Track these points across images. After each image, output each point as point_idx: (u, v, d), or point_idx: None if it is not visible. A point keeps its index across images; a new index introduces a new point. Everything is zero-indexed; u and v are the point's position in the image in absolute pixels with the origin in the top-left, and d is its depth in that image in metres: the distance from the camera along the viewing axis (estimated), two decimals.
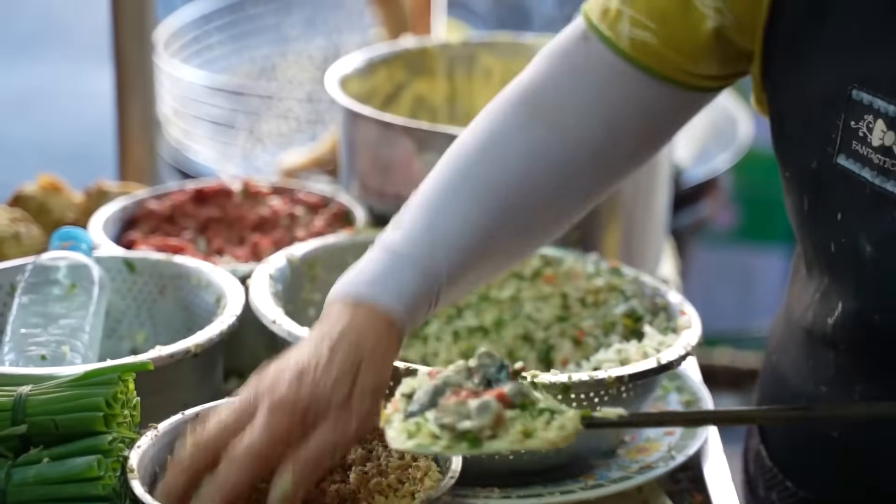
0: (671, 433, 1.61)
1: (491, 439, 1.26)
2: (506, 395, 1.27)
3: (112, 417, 1.35)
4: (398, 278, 1.37)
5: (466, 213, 1.42)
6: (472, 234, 1.42)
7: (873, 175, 1.33)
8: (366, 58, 2.13)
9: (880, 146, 1.32)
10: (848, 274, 1.40)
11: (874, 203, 1.34)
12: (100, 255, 1.70)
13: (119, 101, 2.39)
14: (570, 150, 1.46)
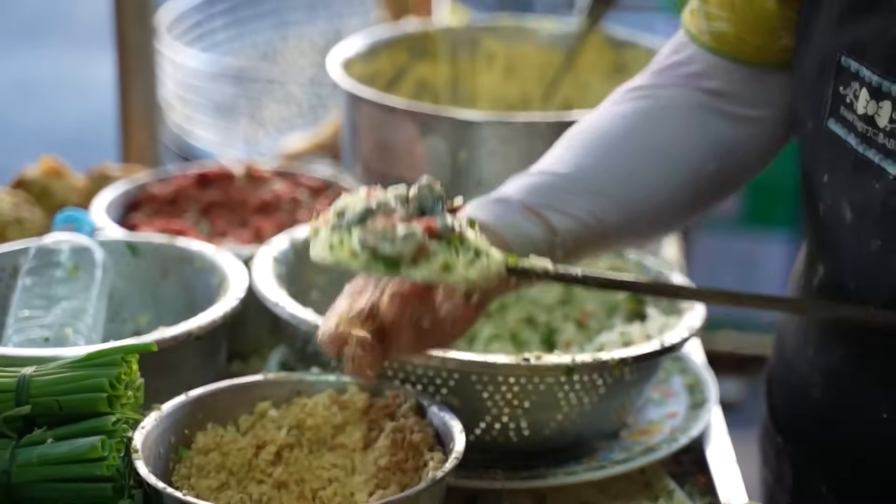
0: (674, 415, 1.61)
1: (410, 267, 1.26)
2: (435, 227, 1.27)
3: (116, 398, 1.35)
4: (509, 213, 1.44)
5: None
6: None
7: (857, 142, 1.36)
8: (368, 41, 2.13)
9: (864, 115, 1.35)
10: (830, 238, 1.43)
11: (856, 169, 1.37)
12: (102, 238, 1.70)
13: (121, 86, 2.40)
14: (685, 140, 1.53)
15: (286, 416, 1.43)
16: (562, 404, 1.47)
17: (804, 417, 1.55)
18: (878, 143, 1.35)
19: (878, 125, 1.34)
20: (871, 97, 1.34)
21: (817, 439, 1.53)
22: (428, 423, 1.40)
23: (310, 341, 1.52)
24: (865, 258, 1.38)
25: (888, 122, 1.33)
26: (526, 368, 1.44)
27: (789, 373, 1.57)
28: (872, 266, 1.38)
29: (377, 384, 1.45)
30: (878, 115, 1.34)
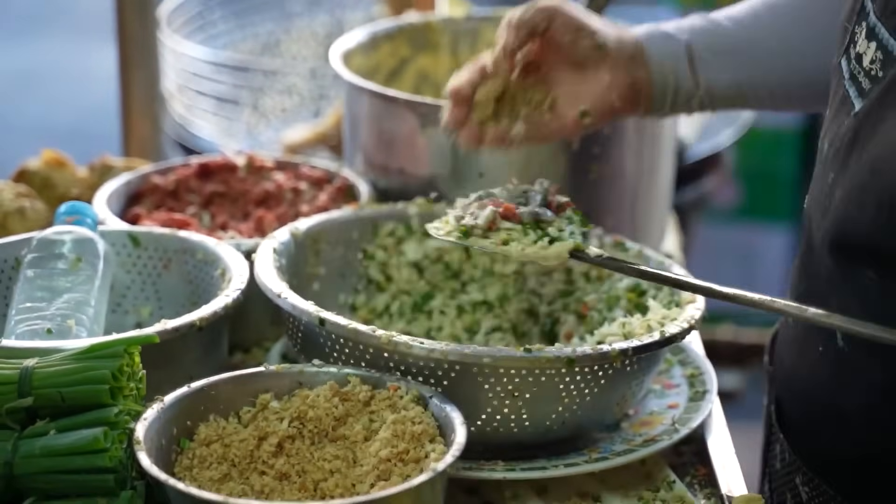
0: (675, 406, 1.61)
1: (479, 237, 1.51)
2: (515, 212, 1.51)
3: (118, 390, 1.36)
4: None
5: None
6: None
7: (847, 79, 1.43)
8: (369, 33, 2.13)
9: (858, 54, 1.42)
10: (817, 171, 1.49)
11: (841, 104, 1.43)
12: (104, 230, 1.70)
13: (122, 78, 2.40)
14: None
15: (288, 408, 1.43)
16: (563, 396, 1.48)
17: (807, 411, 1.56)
18: (858, 82, 1.41)
19: (863, 64, 1.41)
20: (866, 37, 1.41)
21: (819, 429, 1.54)
22: (429, 415, 1.41)
23: (311, 333, 1.53)
24: (825, 189, 1.44)
25: (869, 62, 1.39)
26: (527, 360, 1.45)
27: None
28: (826, 196, 1.43)
29: (378, 376, 1.45)
30: (866, 54, 1.40)
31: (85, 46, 5.79)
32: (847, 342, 1.44)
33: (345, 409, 1.43)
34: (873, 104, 1.37)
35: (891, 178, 1.33)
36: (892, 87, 1.36)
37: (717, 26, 1.69)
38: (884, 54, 1.38)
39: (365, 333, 1.46)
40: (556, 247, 1.51)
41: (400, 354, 1.46)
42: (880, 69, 1.37)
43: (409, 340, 1.45)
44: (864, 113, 1.38)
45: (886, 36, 1.38)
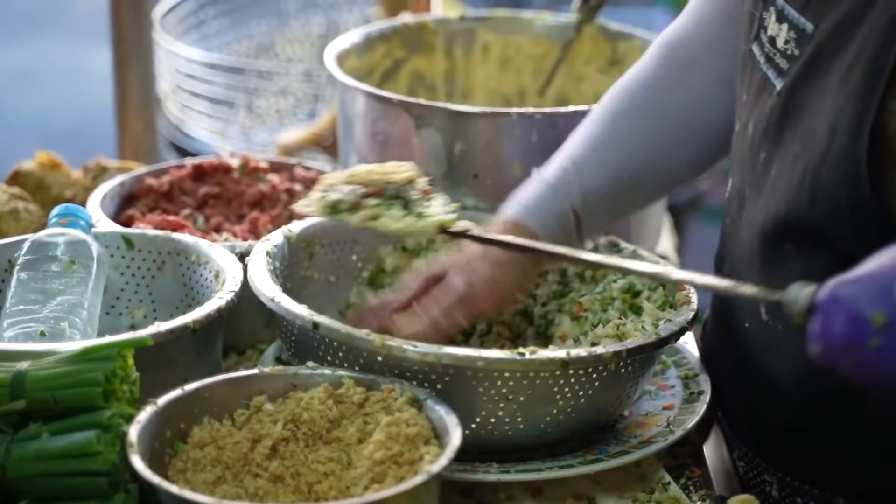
0: (670, 408, 1.61)
1: (346, 213, 1.57)
2: (381, 191, 1.57)
3: (111, 393, 1.35)
4: (539, 197, 1.64)
5: (604, 145, 1.67)
6: (605, 163, 1.66)
7: (763, 61, 1.49)
8: (364, 34, 2.13)
9: (771, 36, 1.48)
10: (737, 153, 1.56)
11: (761, 87, 1.49)
12: (98, 232, 1.70)
13: (117, 79, 2.40)
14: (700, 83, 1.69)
15: (282, 410, 1.43)
16: (557, 398, 1.48)
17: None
18: (775, 63, 1.47)
19: (777, 46, 1.47)
20: (777, 20, 1.47)
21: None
22: (424, 417, 1.41)
23: (305, 337, 1.52)
24: (758, 168, 1.49)
25: (783, 43, 1.46)
26: (520, 363, 1.44)
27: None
28: (760, 175, 1.49)
29: (372, 378, 1.45)
30: (779, 36, 1.46)
31: (80, 47, 5.79)
32: (771, 315, 1.49)
33: (339, 411, 1.43)
34: (796, 81, 1.44)
35: (818, 147, 1.39)
36: (812, 63, 1.42)
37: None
38: (797, 33, 1.44)
39: (359, 338, 1.46)
40: (426, 221, 1.56)
41: (394, 359, 1.46)
42: (796, 48, 1.44)
43: (402, 344, 1.44)
44: (787, 91, 1.45)
45: (796, 16, 1.44)
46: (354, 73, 2.02)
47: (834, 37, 1.41)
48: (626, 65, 2.14)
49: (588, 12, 2.16)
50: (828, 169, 1.39)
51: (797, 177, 1.43)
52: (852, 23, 1.39)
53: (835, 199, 1.39)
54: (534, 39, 2.20)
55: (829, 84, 1.40)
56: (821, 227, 1.42)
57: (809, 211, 1.42)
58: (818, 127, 1.40)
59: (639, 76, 1.71)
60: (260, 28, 3.02)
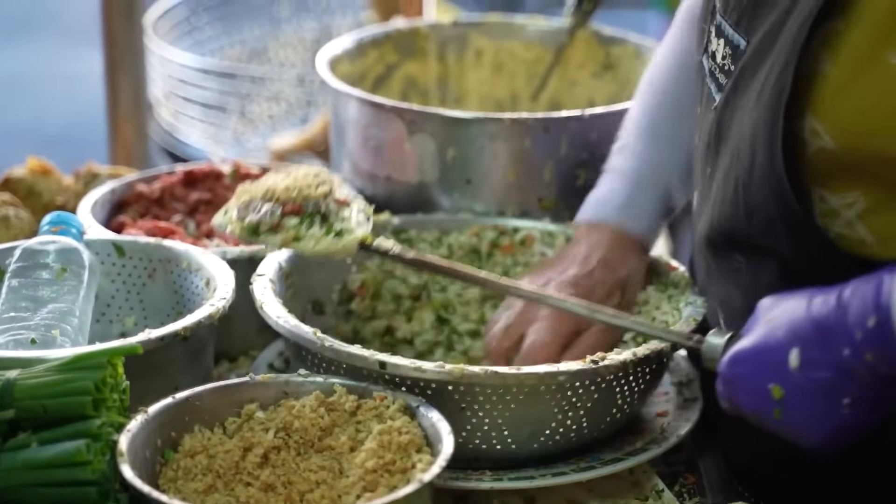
0: (664, 414, 1.60)
1: (267, 234, 1.54)
2: (300, 208, 1.54)
3: (101, 401, 1.34)
4: (642, 203, 1.66)
5: (686, 137, 1.65)
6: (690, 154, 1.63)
7: (708, 75, 1.50)
8: (356, 39, 2.12)
9: (713, 52, 1.49)
10: (696, 165, 1.57)
11: (707, 101, 1.50)
12: (89, 239, 1.69)
13: (109, 84, 2.39)
14: None
15: (273, 418, 1.42)
16: (555, 412, 1.47)
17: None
18: (715, 77, 1.48)
19: (717, 60, 1.48)
20: (716, 35, 1.49)
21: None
22: (416, 425, 1.40)
23: (298, 349, 1.52)
24: (705, 182, 1.51)
25: (721, 58, 1.47)
26: (515, 377, 1.44)
27: None
28: (706, 189, 1.50)
29: (365, 386, 1.44)
30: (718, 50, 1.47)
31: (73, 51, 5.77)
32: (729, 327, 1.47)
33: (331, 419, 1.42)
34: (728, 96, 1.45)
35: (743, 162, 1.40)
36: (741, 78, 1.43)
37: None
38: (731, 49, 1.45)
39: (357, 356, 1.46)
40: (346, 240, 1.55)
41: (381, 373, 1.45)
42: (731, 63, 1.45)
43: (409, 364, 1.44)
44: (721, 105, 1.46)
45: (730, 31, 1.45)
46: (347, 79, 2.01)
47: (756, 53, 1.41)
48: (619, 69, 2.15)
49: (581, 17, 2.15)
50: (755, 184, 1.39)
51: (730, 191, 1.43)
52: (771, 38, 1.39)
53: (767, 213, 1.39)
54: (527, 44, 2.20)
55: (749, 99, 1.41)
56: (761, 240, 1.42)
57: (748, 224, 1.42)
58: (742, 143, 1.41)
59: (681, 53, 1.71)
60: (252, 33, 3.02)
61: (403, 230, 1.77)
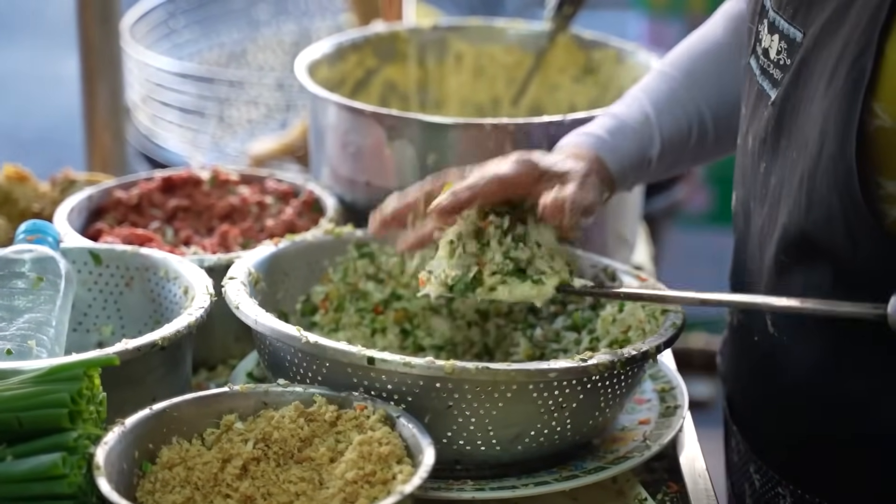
0: (646, 422, 1.59)
1: (465, 290, 1.56)
2: (493, 264, 1.56)
3: (77, 414, 1.33)
4: (622, 138, 1.67)
5: (682, 98, 1.70)
6: (680, 116, 1.70)
7: (759, 73, 1.51)
8: (335, 44, 2.11)
9: (764, 48, 1.50)
10: (739, 167, 1.58)
11: (758, 98, 1.51)
12: (66, 247, 1.67)
13: (86, 89, 2.37)
14: None
15: (252, 429, 1.41)
16: (541, 412, 1.46)
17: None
18: (769, 73, 1.49)
19: (770, 57, 1.49)
20: (769, 31, 1.50)
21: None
22: (396, 435, 1.39)
23: (277, 351, 1.50)
24: (759, 180, 1.51)
25: (776, 53, 1.48)
26: (505, 373, 1.43)
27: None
28: (761, 186, 1.50)
29: (345, 396, 1.43)
30: (771, 47, 1.48)
31: (51, 53, 5.74)
32: (777, 328, 1.51)
33: (310, 429, 1.41)
34: (788, 89, 1.46)
35: (811, 152, 1.40)
36: (801, 70, 1.44)
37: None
38: (787, 42, 1.46)
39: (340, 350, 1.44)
40: (543, 286, 1.56)
41: (368, 379, 1.44)
42: (787, 57, 1.46)
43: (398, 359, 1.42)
44: (780, 99, 1.47)
45: (786, 25, 1.46)
46: (326, 84, 2.00)
47: (818, 42, 1.42)
48: (600, 73, 2.14)
49: (561, 21, 2.15)
50: (821, 173, 1.39)
51: (796, 183, 1.43)
52: (834, 26, 1.40)
53: (829, 204, 1.39)
54: (507, 48, 2.19)
55: (817, 89, 1.41)
56: (817, 237, 1.42)
57: (807, 219, 1.42)
58: (810, 132, 1.41)
59: (711, 39, 1.75)
60: (231, 36, 3.00)
61: (366, 243, 1.75)
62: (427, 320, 1.73)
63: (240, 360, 1.71)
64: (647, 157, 1.68)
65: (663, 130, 1.69)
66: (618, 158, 1.66)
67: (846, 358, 1.45)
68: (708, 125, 1.72)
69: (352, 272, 1.74)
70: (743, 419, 1.64)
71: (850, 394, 1.45)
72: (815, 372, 1.48)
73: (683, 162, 1.76)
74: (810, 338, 1.48)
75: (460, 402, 1.44)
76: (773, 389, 1.54)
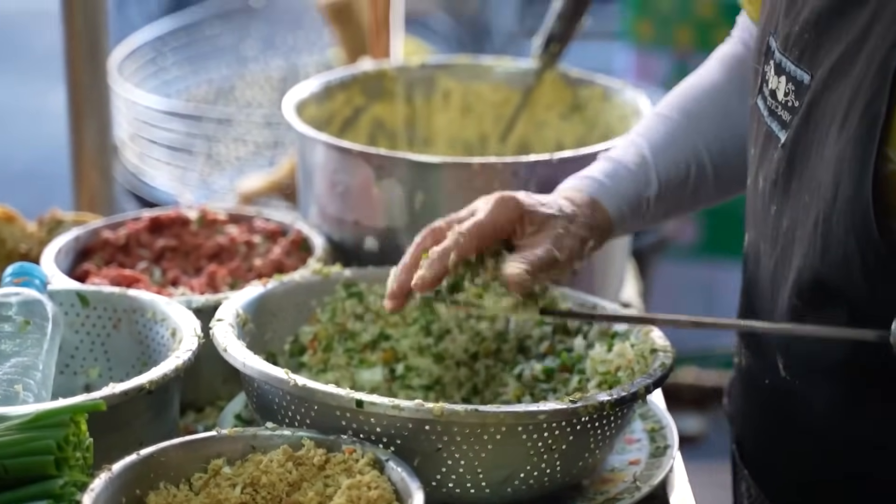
0: (636, 463, 1.59)
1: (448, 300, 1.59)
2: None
3: (64, 460, 1.32)
4: (619, 180, 1.66)
5: (680, 140, 1.70)
6: (678, 159, 1.69)
7: (767, 114, 1.50)
8: (323, 82, 2.11)
9: (772, 89, 1.49)
10: (752, 207, 1.57)
11: (766, 140, 1.50)
12: (53, 289, 1.67)
13: (73, 127, 2.36)
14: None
15: (241, 473, 1.40)
16: (531, 454, 1.45)
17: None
18: (777, 115, 1.49)
19: (778, 98, 1.49)
20: (775, 73, 1.49)
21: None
22: (385, 479, 1.38)
23: (265, 394, 1.50)
24: (770, 222, 1.50)
25: (783, 95, 1.47)
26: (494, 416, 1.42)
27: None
28: (772, 228, 1.50)
29: (333, 439, 1.42)
30: (779, 88, 1.47)
31: (39, 86, 5.74)
32: (788, 372, 1.50)
33: (299, 473, 1.40)
34: (798, 131, 1.45)
35: (825, 196, 1.40)
36: (812, 112, 1.43)
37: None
38: (795, 84, 1.46)
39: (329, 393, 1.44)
40: (529, 305, 1.57)
41: (357, 420, 1.43)
42: (795, 99, 1.46)
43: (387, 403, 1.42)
44: (790, 141, 1.46)
45: (793, 67, 1.46)
46: (314, 122, 2.00)
47: (827, 84, 1.41)
48: (587, 111, 2.14)
49: (548, 59, 2.15)
50: (837, 216, 1.39)
51: (810, 227, 1.43)
52: (843, 69, 1.40)
53: (846, 247, 1.39)
54: (494, 86, 2.19)
55: (829, 132, 1.40)
56: (833, 280, 1.41)
57: (822, 262, 1.42)
58: (823, 176, 1.41)
59: (707, 81, 1.74)
60: (219, 72, 3.01)
61: (354, 283, 1.75)
62: (415, 360, 1.73)
63: (228, 402, 1.70)
64: (644, 198, 1.67)
65: (660, 171, 1.68)
66: (615, 202, 1.65)
67: (859, 402, 1.45)
68: (707, 166, 1.71)
69: (340, 312, 1.74)
70: (754, 461, 1.63)
71: (864, 437, 1.44)
72: (828, 416, 1.47)
73: (684, 205, 1.74)
74: (823, 382, 1.47)
75: (449, 444, 1.44)
76: (785, 432, 1.53)
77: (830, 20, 1.41)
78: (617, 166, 1.68)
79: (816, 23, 1.43)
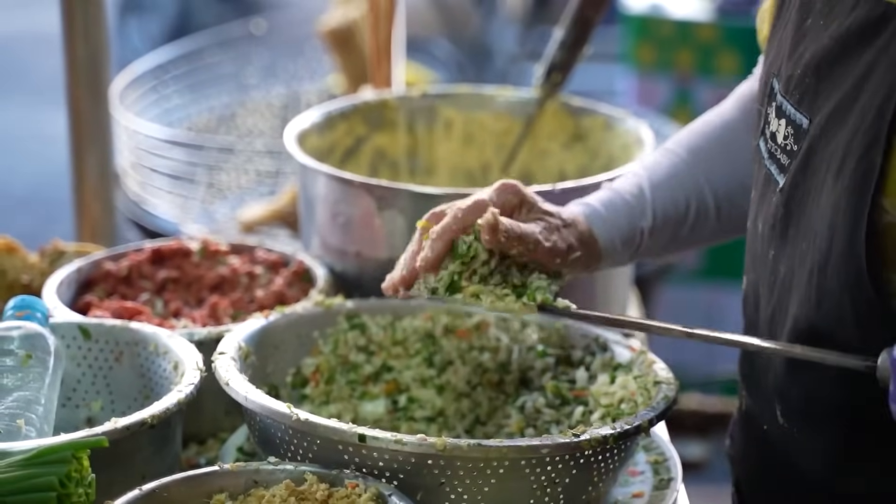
0: (640, 495, 1.58)
1: (446, 296, 1.56)
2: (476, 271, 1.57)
3: (66, 497, 1.31)
4: (614, 210, 1.65)
5: (680, 175, 1.69)
6: (677, 196, 1.68)
7: (767, 157, 1.49)
8: (324, 112, 2.11)
9: (772, 132, 1.48)
10: (750, 250, 1.55)
11: (766, 183, 1.49)
12: (55, 322, 1.67)
13: (75, 157, 2.36)
14: None
15: None
16: (534, 489, 1.45)
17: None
18: (776, 158, 1.47)
19: (778, 141, 1.47)
20: (776, 115, 1.47)
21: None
22: None
23: (267, 428, 1.49)
24: (769, 266, 1.49)
25: (783, 138, 1.46)
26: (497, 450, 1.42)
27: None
28: (770, 273, 1.48)
29: (336, 473, 1.42)
30: (779, 131, 1.46)
31: (40, 111, 5.75)
32: (787, 418, 1.49)
33: None
34: (796, 177, 1.44)
35: (820, 246, 1.39)
36: (809, 158, 1.42)
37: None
38: (794, 128, 1.44)
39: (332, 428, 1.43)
40: (527, 303, 1.55)
41: (358, 455, 1.43)
42: (794, 143, 1.44)
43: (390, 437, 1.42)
44: (788, 187, 1.45)
45: (792, 111, 1.45)
46: (315, 152, 2.00)
47: (825, 131, 1.40)
48: (589, 140, 2.14)
49: (550, 88, 2.15)
50: (831, 269, 1.37)
51: (805, 277, 1.41)
52: (840, 116, 1.38)
53: (840, 301, 1.37)
54: (496, 115, 2.19)
55: (825, 181, 1.39)
56: (828, 331, 1.40)
57: (817, 313, 1.40)
58: (819, 225, 1.39)
59: (720, 119, 1.73)
60: (220, 100, 3.01)
61: (356, 314, 1.74)
62: (418, 392, 1.72)
63: (230, 434, 1.70)
64: (638, 229, 1.67)
65: (657, 204, 1.68)
66: (607, 229, 1.65)
67: (856, 449, 1.44)
68: (709, 203, 1.69)
69: (342, 344, 1.74)
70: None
71: (861, 485, 1.42)
72: (825, 463, 1.46)
73: (680, 240, 1.72)
74: (821, 429, 1.46)
75: (452, 479, 1.43)
76: (782, 478, 1.52)
77: (831, 66, 1.40)
78: (614, 196, 1.68)
79: (817, 67, 1.42)
